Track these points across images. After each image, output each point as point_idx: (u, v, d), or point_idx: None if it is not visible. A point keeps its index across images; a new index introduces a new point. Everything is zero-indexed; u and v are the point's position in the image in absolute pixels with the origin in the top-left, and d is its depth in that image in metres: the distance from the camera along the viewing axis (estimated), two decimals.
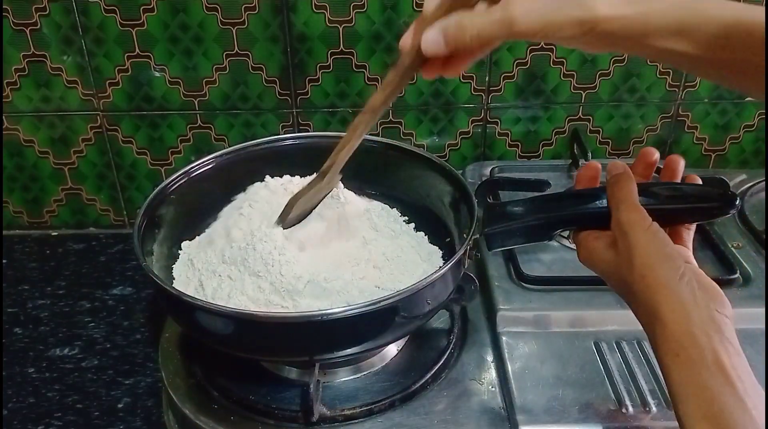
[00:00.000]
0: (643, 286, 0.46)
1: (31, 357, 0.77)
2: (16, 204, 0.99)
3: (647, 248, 0.46)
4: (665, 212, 0.51)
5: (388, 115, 0.94)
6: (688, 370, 0.42)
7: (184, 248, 0.68)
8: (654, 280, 0.45)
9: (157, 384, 0.73)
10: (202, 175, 0.71)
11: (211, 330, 0.56)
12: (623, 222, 0.48)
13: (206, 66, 0.89)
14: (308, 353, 0.57)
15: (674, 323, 0.44)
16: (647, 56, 0.50)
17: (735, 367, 0.42)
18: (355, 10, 0.86)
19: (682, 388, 0.43)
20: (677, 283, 0.45)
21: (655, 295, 0.45)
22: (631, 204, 0.49)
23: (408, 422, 0.59)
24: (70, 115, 0.92)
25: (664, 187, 0.53)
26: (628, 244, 0.47)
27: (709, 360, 0.42)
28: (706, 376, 0.42)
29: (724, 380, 0.41)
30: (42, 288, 0.88)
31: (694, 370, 0.42)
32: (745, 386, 0.41)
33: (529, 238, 0.60)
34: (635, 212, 0.48)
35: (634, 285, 0.46)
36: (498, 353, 0.66)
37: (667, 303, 0.44)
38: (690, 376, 0.42)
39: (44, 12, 0.85)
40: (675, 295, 0.44)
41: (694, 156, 1.00)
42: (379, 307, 0.53)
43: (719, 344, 0.42)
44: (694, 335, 0.43)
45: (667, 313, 0.44)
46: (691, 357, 0.42)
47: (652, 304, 0.45)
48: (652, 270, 0.46)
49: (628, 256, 0.47)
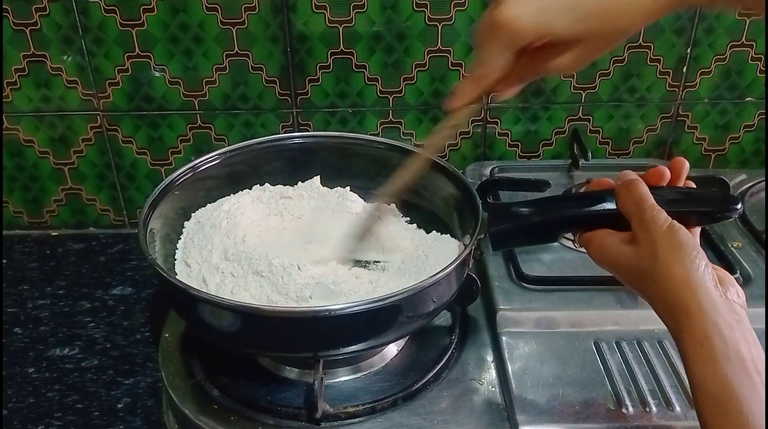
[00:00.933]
0: (667, 278, 0.47)
1: (31, 357, 0.77)
2: (16, 204, 0.99)
3: (671, 242, 0.48)
4: (669, 215, 0.51)
5: (389, 115, 0.94)
6: (710, 361, 0.43)
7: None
8: (679, 273, 0.47)
9: (157, 384, 0.73)
10: (206, 171, 0.72)
11: (215, 324, 0.56)
12: (646, 219, 0.50)
13: (206, 66, 0.89)
14: (313, 349, 0.57)
15: (700, 312, 0.45)
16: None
17: (754, 359, 0.43)
18: (355, 10, 0.86)
19: (702, 379, 0.44)
20: (701, 274, 0.46)
21: (679, 287, 0.46)
22: (651, 203, 0.51)
23: (408, 422, 0.59)
24: (70, 115, 0.92)
25: (667, 190, 0.53)
26: (652, 238, 0.49)
27: (731, 350, 0.43)
28: (727, 366, 0.43)
29: (743, 371, 0.42)
30: (42, 288, 0.88)
31: (717, 360, 0.43)
32: (762, 378, 0.42)
33: (533, 239, 0.60)
34: (656, 210, 0.50)
35: (658, 278, 0.47)
36: (498, 353, 0.66)
37: (693, 293, 0.46)
38: (712, 366, 0.43)
39: (44, 12, 0.85)
40: (700, 286, 0.46)
41: (694, 156, 1.00)
42: (384, 305, 0.53)
43: (740, 334, 0.44)
44: (718, 325, 0.44)
45: (692, 303, 0.45)
46: (715, 346, 0.43)
47: (676, 295, 0.46)
48: (677, 262, 0.47)
49: (651, 251, 0.48)
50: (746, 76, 0.94)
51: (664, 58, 0.91)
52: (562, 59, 0.49)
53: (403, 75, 0.91)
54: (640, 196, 0.51)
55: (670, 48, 0.91)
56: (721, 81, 0.94)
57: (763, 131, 0.98)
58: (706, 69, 0.93)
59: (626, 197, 0.52)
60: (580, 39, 0.47)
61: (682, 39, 0.90)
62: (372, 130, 0.95)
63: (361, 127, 0.95)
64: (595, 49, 0.49)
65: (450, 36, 0.88)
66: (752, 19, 0.89)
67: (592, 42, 0.48)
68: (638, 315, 0.68)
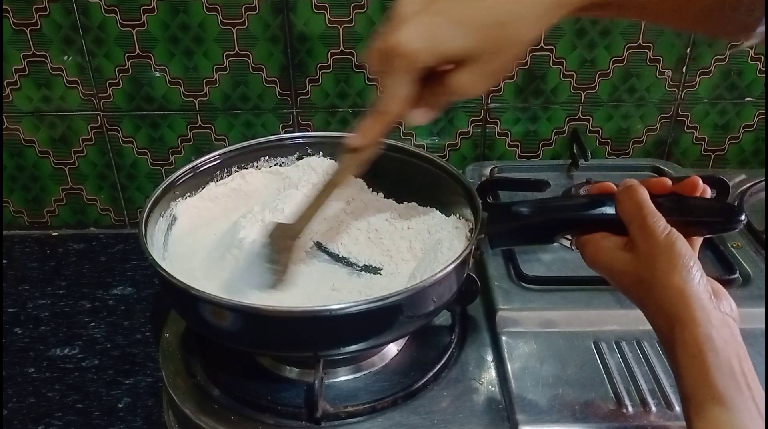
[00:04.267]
0: (664, 288, 0.47)
1: (32, 357, 0.77)
2: (16, 204, 0.99)
3: (670, 252, 0.47)
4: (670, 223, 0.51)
5: None
6: (703, 373, 0.43)
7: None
8: (676, 283, 0.46)
9: (157, 384, 0.73)
10: (207, 170, 0.72)
11: (216, 324, 0.56)
12: (647, 225, 0.49)
13: (206, 66, 0.89)
14: (313, 349, 0.57)
15: (694, 325, 0.44)
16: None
17: (745, 373, 0.43)
18: (355, 10, 0.86)
19: (694, 390, 0.43)
20: (697, 286, 0.46)
21: (675, 297, 0.46)
22: (651, 210, 0.50)
23: (408, 421, 0.59)
24: (71, 115, 0.92)
25: (668, 198, 0.53)
26: (651, 246, 0.48)
27: (723, 364, 0.43)
28: (719, 379, 0.42)
29: (735, 385, 0.42)
30: (42, 288, 0.88)
31: (709, 373, 0.43)
32: (753, 393, 0.42)
33: (531, 239, 0.60)
34: (656, 217, 0.49)
35: (655, 287, 0.47)
36: (498, 353, 0.66)
37: (689, 305, 0.45)
38: (704, 378, 0.43)
39: (44, 12, 0.85)
40: (696, 298, 0.45)
41: (694, 156, 1.00)
42: (384, 304, 0.53)
43: (732, 348, 0.43)
44: (712, 338, 0.44)
45: (687, 315, 0.45)
46: (707, 360, 0.43)
47: (672, 305, 0.46)
48: (674, 273, 0.46)
49: (649, 259, 0.48)
50: (746, 76, 0.94)
51: (664, 58, 0.92)
52: (465, 79, 0.45)
53: None
54: (641, 202, 0.51)
55: (669, 48, 0.91)
56: (721, 81, 0.94)
57: (763, 131, 0.98)
58: (706, 69, 0.93)
59: (627, 203, 0.52)
60: (478, 54, 0.44)
61: (682, 39, 0.90)
62: None
63: None
64: (497, 63, 0.45)
65: None
66: None
67: (492, 56, 0.44)
68: (638, 315, 0.66)
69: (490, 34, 0.43)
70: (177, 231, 0.68)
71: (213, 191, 0.72)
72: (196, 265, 0.65)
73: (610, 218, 0.53)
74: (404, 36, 0.43)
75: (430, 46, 0.43)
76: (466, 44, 0.44)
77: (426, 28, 0.43)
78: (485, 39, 0.44)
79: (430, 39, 0.43)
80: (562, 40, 0.90)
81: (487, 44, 0.44)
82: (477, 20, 0.43)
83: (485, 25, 0.43)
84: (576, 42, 0.90)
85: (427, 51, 0.44)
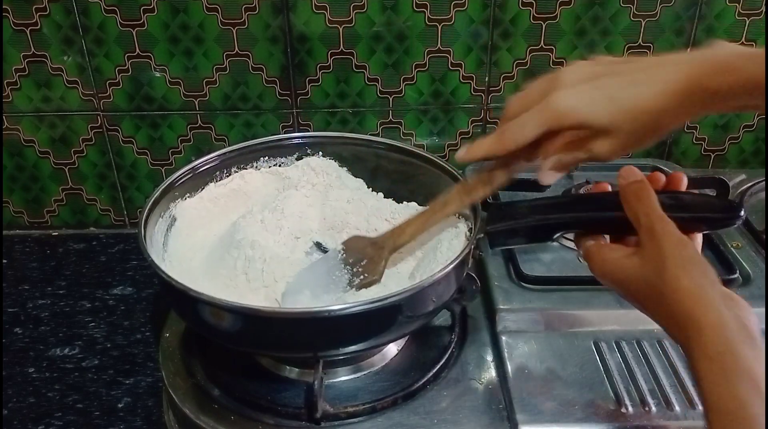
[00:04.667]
0: (676, 292, 0.46)
1: (32, 357, 0.77)
2: (16, 204, 1.00)
3: (681, 255, 0.47)
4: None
5: (389, 115, 0.94)
6: (721, 377, 0.42)
7: None
8: (688, 287, 0.46)
9: (157, 384, 0.73)
10: (207, 171, 0.72)
11: (215, 325, 0.56)
12: (656, 230, 0.49)
13: (206, 66, 0.89)
14: (313, 349, 0.57)
15: (710, 328, 0.44)
16: None
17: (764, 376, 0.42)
18: (355, 10, 0.86)
19: (713, 395, 0.42)
20: (711, 289, 0.45)
21: (690, 301, 0.45)
22: (660, 213, 0.50)
23: (408, 421, 0.59)
24: (71, 115, 0.92)
25: (666, 195, 0.53)
26: (660, 250, 0.48)
27: (741, 367, 0.42)
28: (737, 383, 0.41)
29: (754, 389, 0.41)
30: (42, 288, 0.88)
31: (727, 377, 0.42)
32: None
33: (531, 238, 0.60)
34: (665, 221, 0.49)
35: (666, 292, 0.46)
36: (498, 353, 0.66)
37: (704, 308, 0.45)
38: (723, 382, 0.42)
39: (44, 12, 0.85)
40: (710, 301, 0.45)
41: (694, 156, 1.00)
42: (384, 305, 0.53)
43: (750, 351, 0.43)
44: (729, 341, 0.43)
45: (702, 318, 0.44)
46: (726, 363, 0.42)
47: (686, 309, 0.45)
48: (686, 276, 0.46)
49: (659, 263, 0.47)
50: None
51: None
52: (606, 146, 0.50)
53: (403, 75, 0.91)
54: (650, 205, 0.50)
55: (670, 48, 0.91)
56: None
57: (763, 131, 0.98)
58: None
59: (635, 205, 0.51)
60: (622, 131, 0.49)
61: (682, 39, 0.90)
62: (372, 131, 0.95)
63: (361, 128, 0.95)
64: (636, 140, 0.50)
65: (450, 36, 0.88)
66: (752, 19, 0.89)
67: (633, 135, 0.49)
68: (638, 315, 0.66)
69: (637, 118, 0.48)
70: (177, 232, 0.68)
71: (212, 192, 0.72)
72: (195, 266, 0.65)
73: (610, 218, 0.53)
74: (571, 104, 0.49)
75: (582, 112, 0.49)
76: (614, 120, 0.49)
77: (584, 97, 0.49)
78: (632, 121, 0.48)
79: (584, 107, 0.49)
80: (562, 40, 0.90)
81: (632, 125, 0.49)
82: (629, 104, 0.48)
83: (634, 109, 0.48)
84: (576, 42, 0.90)
85: (578, 115, 0.49)
